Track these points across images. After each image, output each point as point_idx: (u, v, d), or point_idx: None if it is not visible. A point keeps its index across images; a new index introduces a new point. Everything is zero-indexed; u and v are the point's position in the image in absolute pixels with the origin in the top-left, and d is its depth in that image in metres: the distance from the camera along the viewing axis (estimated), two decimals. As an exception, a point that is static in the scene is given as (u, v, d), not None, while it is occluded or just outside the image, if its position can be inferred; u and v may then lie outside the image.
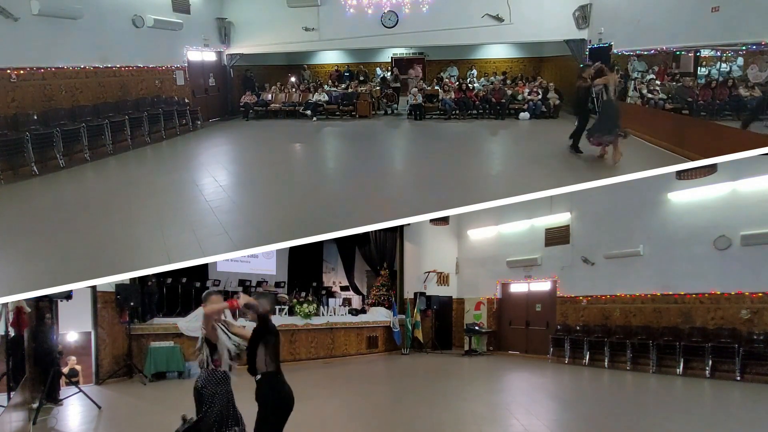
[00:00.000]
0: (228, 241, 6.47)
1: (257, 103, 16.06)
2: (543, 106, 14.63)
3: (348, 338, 13.95)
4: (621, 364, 11.38)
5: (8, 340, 6.79)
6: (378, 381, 11.36)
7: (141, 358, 10.25)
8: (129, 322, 10.21)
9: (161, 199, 8.43)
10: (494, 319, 15.17)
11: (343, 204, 8.02)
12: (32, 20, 10.02)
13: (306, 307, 13.22)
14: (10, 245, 6.81)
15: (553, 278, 13.65)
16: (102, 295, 9.96)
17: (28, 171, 9.57)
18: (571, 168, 9.37)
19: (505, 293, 15.16)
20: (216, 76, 16.29)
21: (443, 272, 16.17)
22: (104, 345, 9.94)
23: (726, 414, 7.77)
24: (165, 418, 7.22)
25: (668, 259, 11.17)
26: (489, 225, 15.29)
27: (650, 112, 11.55)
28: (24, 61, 9.96)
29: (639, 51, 12.72)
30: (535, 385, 10.31)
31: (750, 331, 9.80)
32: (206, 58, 15.82)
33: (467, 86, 15.74)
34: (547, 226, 13.79)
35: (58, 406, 7.75)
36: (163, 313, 11.54)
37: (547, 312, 13.86)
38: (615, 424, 7.03)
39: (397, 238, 16.08)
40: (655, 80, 12.26)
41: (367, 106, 15.85)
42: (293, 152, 12.52)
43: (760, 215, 9.84)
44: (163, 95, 13.68)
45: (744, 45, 9.28)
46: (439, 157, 11.17)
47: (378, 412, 7.88)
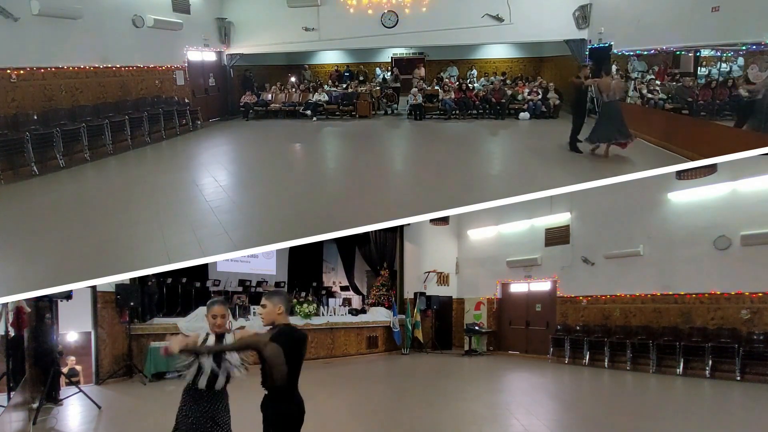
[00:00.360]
0: (228, 241, 6.47)
1: (257, 103, 16.07)
2: (543, 106, 14.64)
3: (348, 338, 13.95)
4: (621, 364, 11.38)
5: (8, 340, 6.80)
6: (378, 381, 11.36)
7: (141, 358, 10.25)
8: (129, 322, 10.21)
9: (161, 199, 8.43)
10: (494, 319, 15.17)
11: (343, 204, 8.02)
12: (32, 20, 10.02)
13: (306, 307, 13.23)
14: (10, 245, 6.82)
15: (553, 278, 13.65)
16: (102, 295, 9.95)
17: (28, 171, 9.57)
18: (571, 168, 9.37)
19: (505, 293, 15.16)
20: (216, 76, 16.29)
21: (443, 272, 16.17)
22: (104, 345, 9.93)
23: (726, 414, 7.77)
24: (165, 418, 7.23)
25: (668, 259, 11.17)
26: (489, 225, 15.29)
27: (650, 112, 11.55)
28: (24, 61, 9.96)
29: (639, 51, 12.72)
30: (535, 385, 10.31)
31: (750, 331, 9.80)
32: (206, 58, 15.82)
33: (467, 86, 15.74)
34: (547, 226, 13.79)
35: (58, 406, 7.75)
36: (163, 313, 11.54)
37: (547, 312, 13.86)
38: (615, 424, 7.03)
39: (397, 238, 16.07)
40: (655, 80, 12.26)
41: (367, 106, 15.85)
42: (293, 152, 12.53)
43: (760, 215, 9.84)
44: (163, 95, 13.68)
45: (744, 45, 9.28)
46: (439, 157, 11.17)
47: (378, 412, 7.88)
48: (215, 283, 13.38)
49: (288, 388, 3.33)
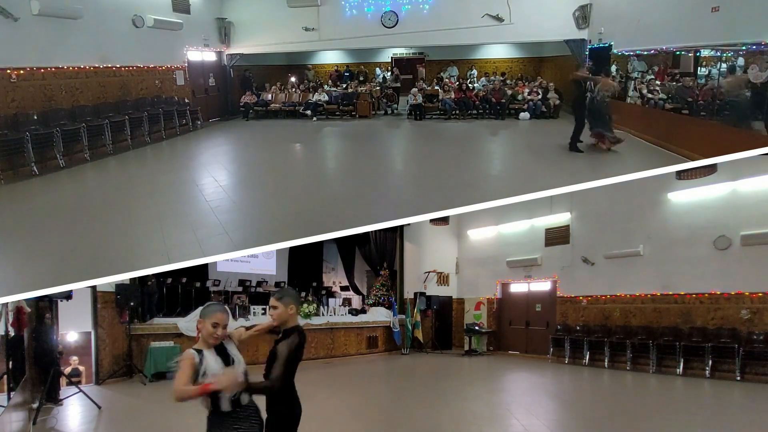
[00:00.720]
0: (228, 241, 6.47)
1: (257, 103, 16.06)
2: (543, 106, 14.63)
3: (348, 338, 13.95)
4: (621, 364, 11.38)
5: (8, 340, 6.80)
6: (378, 381, 11.37)
7: (141, 358, 10.25)
8: (129, 322, 10.21)
9: (161, 199, 8.43)
10: (494, 319, 15.17)
11: (343, 204, 8.02)
12: (32, 20, 10.01)
13: (306, 307, 13.23)
14: (10, 245, 6.81)
15: (553, 278, 13.65)
16: (102, 295, 9.96)
17: (28, 171, 9.57)
18: (571, 168, 9.37)
19: (505, 293, 15.17)
20: (216, 76, 16.28)
21: (443, 272, 16.17)
22: (104, 345, 9.94)
23: (726, 414, 7.77)
24: (165, 418, 7.23)
25: (668, 259, 11.17)
26: (489, 225, 15.29)
27: (650, 112, 11.55)
28: (24, 61, 9.95)
29: (639, 51, 12.72)
30: (535, 385, 10.31)
31: (750, 331, 9.80)
32: (206, 58, 15.81)
33: (467, 86, 15.74)
34: (547, 226, 13.79)
35: (58, 406, 7.75)
36: (163, 313, 11.55)
37: (547, 312, 13.86)
38: (615, 424, 7.03)
39: (397, 238, 16.08)
40: (655, 80, 12.25)
41: (367, 106, 15.84)
42: (293, 152, 12.52)
43: (760, 215, 9.84)
44: (163, 95, 13.67)
45: (744, 45, 9.27)
46: (439, 157, 11.16)
47: (378, 412, 7.89)
48: (215, 283, 13.38)
49: (285, 389, 3.29)
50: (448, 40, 15.22)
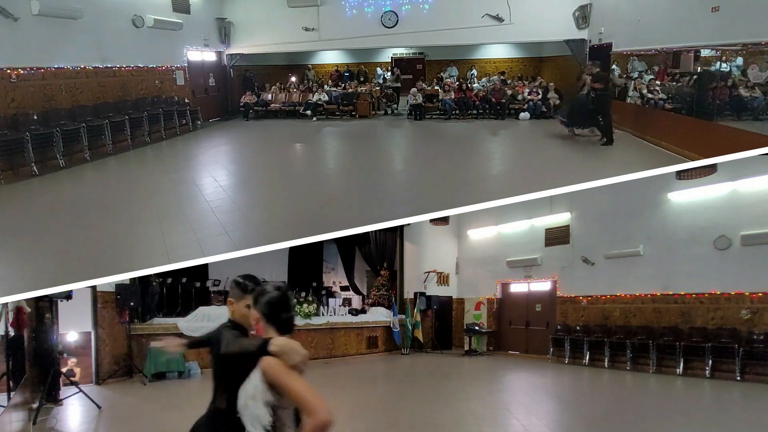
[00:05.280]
0: (228, 241, 6.47)
1: (257, 103, 16.07)
2: (543, 106, 14.63)
3: (348, 338, 13.95)
4: (621, 364, 11.37)
5: (8, 340, 6.80)
6: (378, 381, 11.37)
7: (141, 358, 10.25)
8: (129, 322, 10.21)
9: (161, 199, 8.44)
10: (494, 319, 15.17)
11: (343, 204, 8.02)
12: (32, 20, 10.02)
13: (306, 307, 13.22)
14: (10, 245, 6.82)
15: (553, 278, 13.65)
16: (102, 295, 9.95)
17: (28, 171, 9.57)
18: (571, 168, 9.38)
19: (505, 293, 15.16)
20: (216, 76, 16.29)
21: (443, 272, 16.16)
22: (104, 345, 9.94)
23: (726, 414, 7.77)
24: (165, 418, 7.24)
25: (668, 259, 11.16)
26: (489, 225, 15.29)
27: (650, 112, 11.55)
28: (24, 61, 9.95)
29: (639, 51, 12.72)
30: (535, 385, 10.31)
31: (750, 331, 9.79)
32: (206, 58, 15.82)
33: (467, 86, 15.74)
34: (547, 226, 13.78)
35: (58, 406, 7.75)
36: (163, 313, 11.55)
37: (547, 312, 13.86)
38: (615, 424, 7.03)
39: (397, 238, 16.07)
40: (655, 80, 12.25)
41: (367, 106, 15.85)
42: (293, 152, 12.53)
43: (760, 215, 9.83)
44: (163, 95, 13.68)
45: (744, 45, 9.28)
46: (439, 157, 11.17)
47: (378, 412, 7.88)
48: (215, 283, 13.37)
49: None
50: (448, 40, 15.25)
